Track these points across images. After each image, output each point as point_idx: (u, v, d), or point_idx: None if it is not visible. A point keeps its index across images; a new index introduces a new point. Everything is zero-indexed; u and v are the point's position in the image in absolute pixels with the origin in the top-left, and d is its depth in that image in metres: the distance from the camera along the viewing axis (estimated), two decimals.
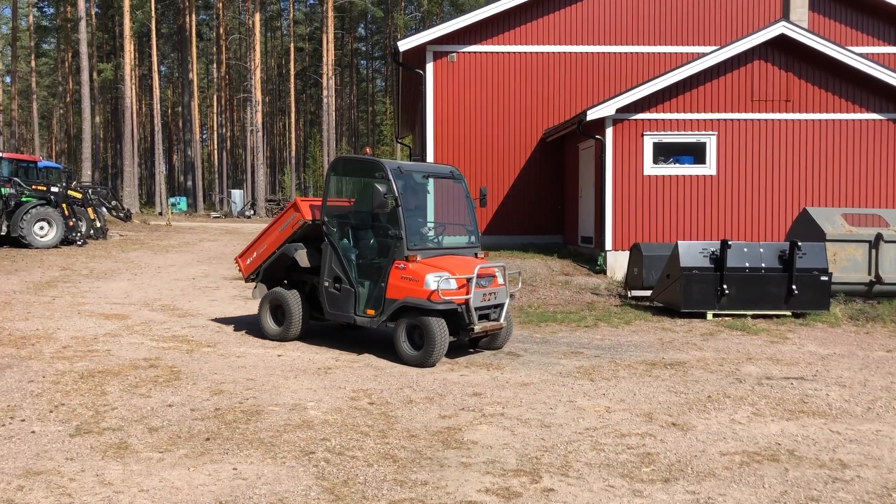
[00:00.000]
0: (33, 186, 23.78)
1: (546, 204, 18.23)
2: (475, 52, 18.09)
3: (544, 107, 18.18)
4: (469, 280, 8.44)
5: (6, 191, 22.72)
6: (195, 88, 52.37)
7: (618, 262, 14.54)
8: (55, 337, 9.49)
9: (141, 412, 6.22)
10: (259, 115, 49.73)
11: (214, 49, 61.97)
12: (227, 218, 46.41)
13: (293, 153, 64.95)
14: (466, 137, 18.05)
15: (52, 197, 23.75)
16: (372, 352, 8.92)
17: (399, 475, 4.91)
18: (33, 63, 57.42)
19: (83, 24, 37.58)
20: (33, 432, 5.66)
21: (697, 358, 8.78)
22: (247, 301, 13.40)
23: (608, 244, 14.76)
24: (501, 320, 8.91)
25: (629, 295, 12.91)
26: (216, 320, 11.06)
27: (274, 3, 64.74)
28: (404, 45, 17.65)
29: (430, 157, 18.01)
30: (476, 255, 9.39)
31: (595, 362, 8.45)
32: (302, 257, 9.54)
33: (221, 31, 59.64)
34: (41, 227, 23.05)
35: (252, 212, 48.34)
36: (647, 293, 12.54)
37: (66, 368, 7.74)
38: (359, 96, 76.39)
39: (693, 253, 11.39)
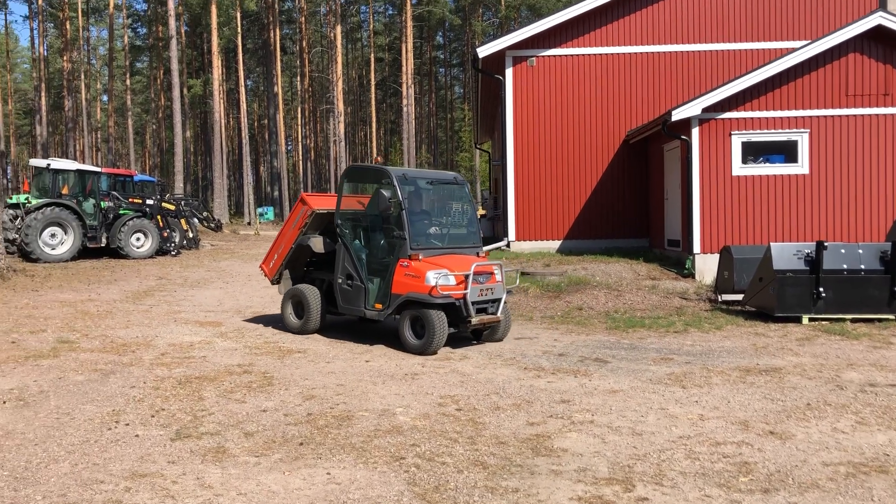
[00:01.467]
0: (130, 199, 24.88)
1: (630, 207, 17.93)
2: (554, 56, 17.97)
3: (626, 108, 17.90)
4: (466, 276, 9.27)
5: (105, 204, 23.83)
6: (280, 101, 53.81)
7: (706, 266, 14.17)
8: (154, 344, 9.88)
9: (237, 417, 6.41)
10: (341, 125, 50.72)
11: (298, 62, 63.55)
12: None
13: (374, 162, 65.98)
14: (547, 141, 17.94)
15: (147, 209, 24.80)
16: (457, 358, 8.95)
17: (490, 482, 4.91)
18: (128, 81, 60.13)
19: (174, 42, 39.14)
20: (137, 436, 5.89)
21: (794, 364, 8.46)
22: None
23: (696, 247, 14.40)
24: (499, 314, 9.69)
25: (719, 299, 12.56)
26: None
27: (354, 15, 65.98)
28: (483, 51, 17.69)
29: (510, 162, 17.97)
30: (478, 254, 10.16)
31: (686, 368, 8.24)
32: (316, 243, 10.58)
33: (304, 44, 61.10)
34: (138, 239, 24.09)
35: None
36: (739, 297, 12.17)
37: (165, 374, 8.05)
38: (437, 104, 76.99)
39: (786, 255, 10.99)
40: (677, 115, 14.15)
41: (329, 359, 8.94)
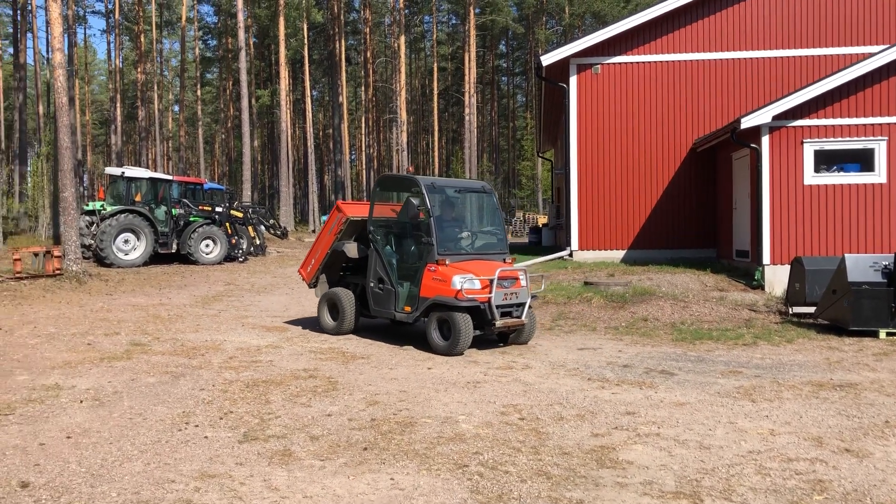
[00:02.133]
0: (200, 207, 25.55)
1: (697, 216, 17.59)
2: (619, 63, 17.79)
3: (693, 116, 17.59)
4: (491, 281, 9.66)
5: (176, 211, 24.53)
6: (345, 111, 54.59)
7: (776, 277, 13.78)
8: (222, 348, 10.11)
9: (302, 421, 6.50)
10: (404, 134, 51.15)
11: (362, 72, 64.41)
12: None
13: (436, 171, 66.34)
14: (611, 150, 17.75)
15: (216, 217, 25.44)
16: (519, 368, 8.91)
17: (553, 492, 4.86)
18: (199, 92, 61.87)
19: (243, 53, 40.12)
20: (206, 437, 6.03)
21: (871, 379, 8.15)
22: None
23: (766, 258, 14.02)
24: (523, 318, 10.07)
25: (790, 312, 12.20)
26: (367, 333, 11.41)
27: (418, 25, 66.52)
28: (547, 59, 17.62)
29: (573, 171, 17.84)
30: (504, 260, 10.55)
31: (756, 382, 8.03)
32: (351, 249, 11.08)
33: (368, 54, 61.92)
34: (207, 245, 24.71)
35: None
36: (811, 310, 11.80)
37: (233, 378, 8.22)
38: (499, 112, 77.00)
39: (862, 267, 10.62)
40: (747, 122, 13.84)
41: (392, 365, 9.00)
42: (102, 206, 23.45)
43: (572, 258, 17.77)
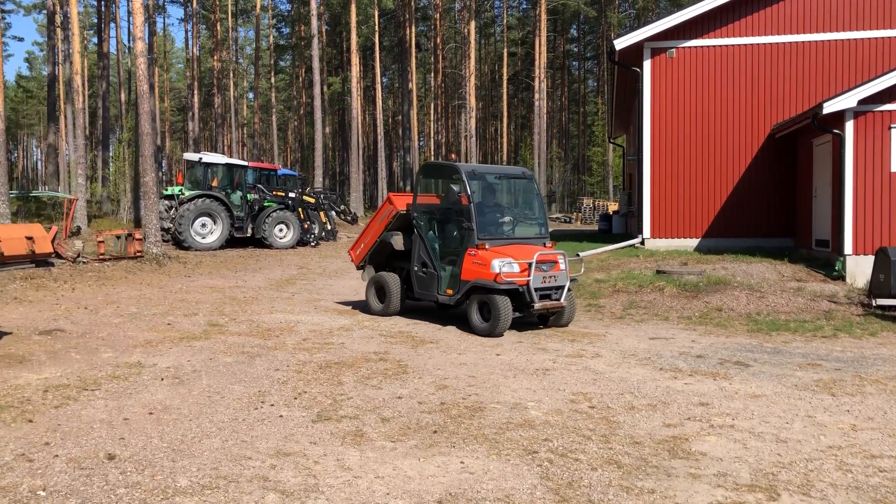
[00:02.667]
0: (274, 192, 26.08)
1: (774, 204, 17.06)
2: (695, 47, 17.34)
3: (772, 101, 17.02)
4: (530, 265, 9.97)
5: (251, 196, 25.10)
6: (414, 97, 54.79)
7: (859, 268, 13.28)
8: (296, 330, 10.34)
9: (373, 402, 6.60)
10: (472, 120, 51.04)
11: (432, 59, 64.47)
12: None
13: (504, 157, 66.08)
14: (686, 135, 17.34)
15: (289, 202, 25.93)
16: (589, 356, 8.84)
17: (624, 481, 4.82)
18: (272, 79, 62.95)
19: (315, 41, 40.62)
20: (281, 416, 6.19)
21: None
22: None
23: (847, 248, 13.52)
24: (562, 300, 10.40)
25: (874, 303, 11.74)
26: (437, 318, 11.48)
27: (488, 10, 66.15)
28: (620, 43, 17.31)
29: (646, 157, 17.51)
30: (544, 244, 10.78)
31: (836, 376, 7.77)
32: (397, 242, 11.53)
33: (438, 40, 61.87)
34: (280, 230, 25.23)
35: None
36: None
37: (307, 359, 8.40)
38: (570, 98, 76.04)
39: None
40: (829, 107, 13.33)
41: (461, 350, 9.05)
42: (181, 190, 24.17)
43: (644, 246, 17.49)
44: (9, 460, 5.06)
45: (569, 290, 10.53)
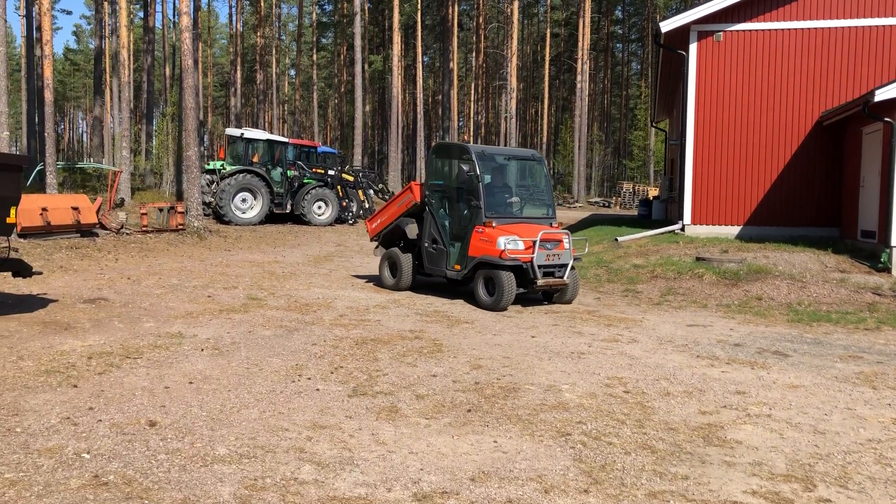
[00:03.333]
0: (313, 169, 26.27)
1: (819, 193, 16.71)
2: (743, 31, 16.98)
3: (820, 88, 16.61)
4: (534, 242, 10.44)
5: (291, 173, 25.31)
6: (455, 77, 54.61)
7: None
8: (333, 306, 10.44)
9: (408, 379, 6.66)
10: (513, 101, 50.74)
11: (473, 38, 64.14)
12: None
13: (544, 139, 65.60)
14: (730, 120, 17.03)
15: (328, 179, 26.09)
16: (625, 341, 8.80)
17: (658, 466, 4.81)
18: (314, 57, 63.20)
19: (357, 18, 40.63)
20: (318, 390, 6.27)
21: None
22: None
23: (894, 239, 13.22)
24: (565, 278, 10.89)
25: None
26: (472, 298, 11.50)
27: None
28: (666, 25, 17.02)
29: (689, 142, 17.26)
30: (551, 224, 11.24)
31: (878, 368, 7.63)
32: (411, 230, 11.96)
33: (481, 20, 61.50)
34: (319, 207, 25.42)
35: None
36: None
37: (343, 335, 8.49)
38: (612, 80, 75.13)
39: None
40: (882, 94, 12.98)
41: (496, 331, 9.07)
42: (222, 165, 24.46)
43: (684, 232, 17.29)
44: (55, 423, 5.22)
45: (572, 268, 11.04)
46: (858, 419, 5.93)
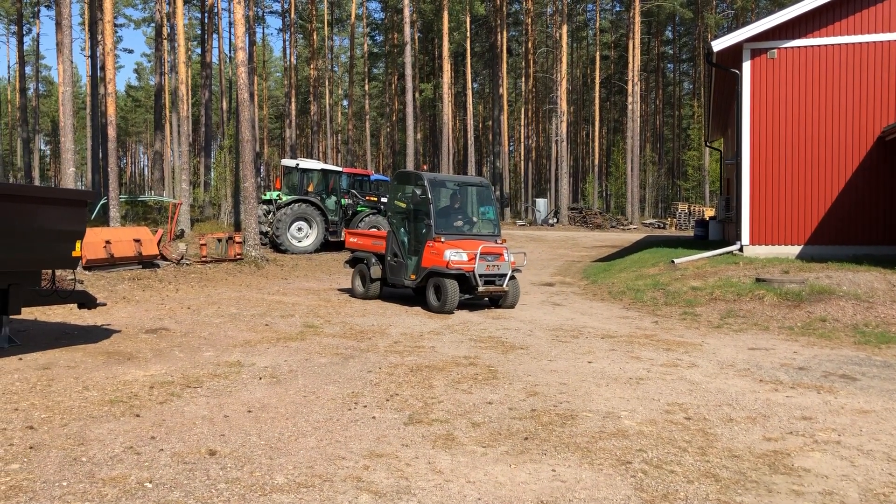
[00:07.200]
0: (367, 197, 26.53)
1: (884, 210, 16.18)
2: (798, 47, 16.67)
3: (881, 103, 16.16)
4: (476, 255, 12.31)
5: (345, 201, 25.62)
6: (504, 103, 54.78)
7: None
8: (387, 332, 10.48)
9: (464, 407, 6.62)
10: (564, 125, 50.62)
11: (523, 63, 64.35)
12: (532, 226, 47.85)
13: (596, 161, 65.22)
14: (787, 138, 16.68)
15: (382, 207, 26.31)
16: (685, 366, 8.61)
17: (722, 496, 4.67)
18: (366, 87, 64.20)
19: (408, 48, 41.19)
20: (374, 418, 6.28)
21: None
22: (555, 307, 13.69)
23: None
24: (504, 286, 12.85)
25: None
26: (526, 324, 11.43)
27: (580, 14, 65.52)
28: (719, 44, 16.81)
29: (745, 161, 16.93)
30: (496, 241, 13.24)
31: None
32: (375, 272, 13.86)
33: (529, 45, 61.72)
34: None
35: (555, 220, 49.29)
36: None
37: (398, 361, 8.50)
38: (664, 101, 74.45)
39: None
40: None
41: (551, 357, 8.98)
42: (278, 195, 24.90)
43: (742, 253, 16.92)
44: (118, 452, 5.33)
45: (512, 277, 12.95)
46: None
